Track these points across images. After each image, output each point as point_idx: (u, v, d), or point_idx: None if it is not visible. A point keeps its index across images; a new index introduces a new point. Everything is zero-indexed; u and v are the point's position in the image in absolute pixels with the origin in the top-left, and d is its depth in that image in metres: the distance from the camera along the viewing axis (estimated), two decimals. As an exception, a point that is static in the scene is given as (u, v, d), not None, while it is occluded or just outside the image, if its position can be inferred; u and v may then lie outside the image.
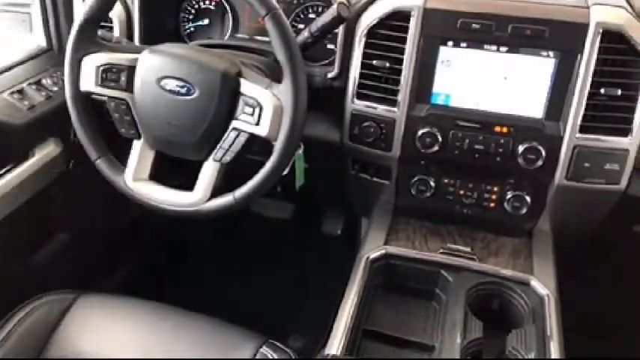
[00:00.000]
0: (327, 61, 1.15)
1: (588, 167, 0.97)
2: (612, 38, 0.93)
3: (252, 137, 0.89)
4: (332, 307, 0.95)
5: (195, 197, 0.93)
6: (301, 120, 0.86)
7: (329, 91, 1.10)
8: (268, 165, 0.88)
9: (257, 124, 0.87)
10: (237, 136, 0.89)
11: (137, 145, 0.98)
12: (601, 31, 0.92)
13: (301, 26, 1.17)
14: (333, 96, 1.09)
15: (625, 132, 0.95)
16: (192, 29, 1.26)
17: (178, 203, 0.95)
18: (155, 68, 0.91)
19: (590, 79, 0.93)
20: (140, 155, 0.98)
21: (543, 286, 0.95)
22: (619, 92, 0.93)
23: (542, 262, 1.02)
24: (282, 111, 0.86)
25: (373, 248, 1.03)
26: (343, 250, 1.32)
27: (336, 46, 1.09)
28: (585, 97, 0.94)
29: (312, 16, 1.17)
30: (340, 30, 1.05)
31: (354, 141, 1.08)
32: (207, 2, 1.24)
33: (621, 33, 0.92)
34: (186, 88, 0.89)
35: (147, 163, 0.98)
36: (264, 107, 0.86)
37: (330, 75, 1.09)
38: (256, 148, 0.94)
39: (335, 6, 0.94)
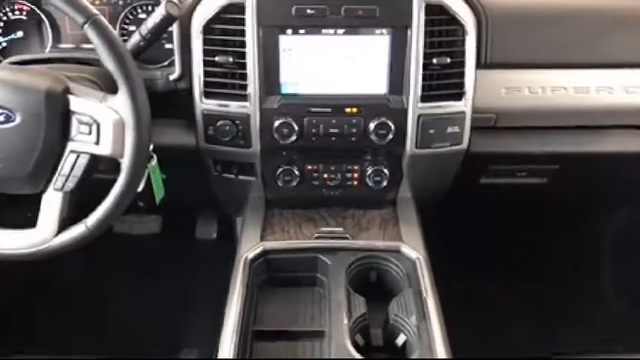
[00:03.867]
0: (167, 62, 1.09)
1: (433, 133, 1.03)
2: (435, 11, 0.99)
3: (95, 157, 0.81)
4: (220, 312, 0.92)
5: (41, 234, 0.83)
6: (146, 131, 0.80)
7: (175, 94, 1.04)
8: (118, 185, 0.81)
9: (97, 142, 0.79)
10: (77, 159, 0.81)
11: (-43, 188, 0.84)
12: (424, 5, 0.98)
13: (132, 28, 1.08)
14: (180, 98, 1.04)
15: (459, 96, 1.03)
16: (4, 45, 1.11)
17: (22, 244, 0.84)
18: None
19: (421, 51, 0.99)
20: (-37, 198, 0.85)
21: (413, 250, 1.01)
22: (448, 60, 1.00)
23: (409, 228, 1.09)
24: (124, 124, 0.79)
25: (250, 247, 1.02)
26: (222, 253, 1.29)
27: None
28: (421, 69, 0.99)
29: (142, 16, 1.09)
30: (175, 28, 0.99)
31: (210, 142, 1.04)
32: (16, 12, 1.10)
33: (442, 5, 0.99)
34: (4, 116, 0.78)
35: (-27, 206, 0.86)
36: (102, 123, 0.79)
37: (172, 77, 1.03)
38: (104, 166, 0.86)
39: (163, 4, 0.88)
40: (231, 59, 0.99)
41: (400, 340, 0.90)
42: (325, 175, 1.10)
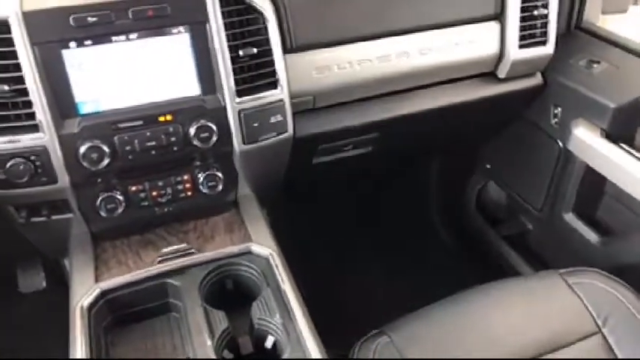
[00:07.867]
0: None
1: (258, 126, 1.01)
2: (230, 2, 0.95)
3: None
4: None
5: None
6: None
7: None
8: None
9: None
10: None
11: None
12: None
13: None
14: (-48, 143, 0.86)
15: (274, 84, 1.01)
16: None
17: None
18: None
19: (225, 45, 0.94)
20: None
21: (264, 247, 0.98)
22: (255, 50, 0.97)
23: (256, 226, 1.06)
24: None
25: (84, 292, 0.90)
26: (59, 302, 1.13)
27: None
28: (229, 63, 0.95)
29: None
30: None
31: (5, 187, 0.89)
32: None
33: None
34: None
35: None
36: None
37: None
38: None
39: None
40: (7, 87, 0.84)
41: (269, 342, 0.88)
42: (154, 193, 1.01)
